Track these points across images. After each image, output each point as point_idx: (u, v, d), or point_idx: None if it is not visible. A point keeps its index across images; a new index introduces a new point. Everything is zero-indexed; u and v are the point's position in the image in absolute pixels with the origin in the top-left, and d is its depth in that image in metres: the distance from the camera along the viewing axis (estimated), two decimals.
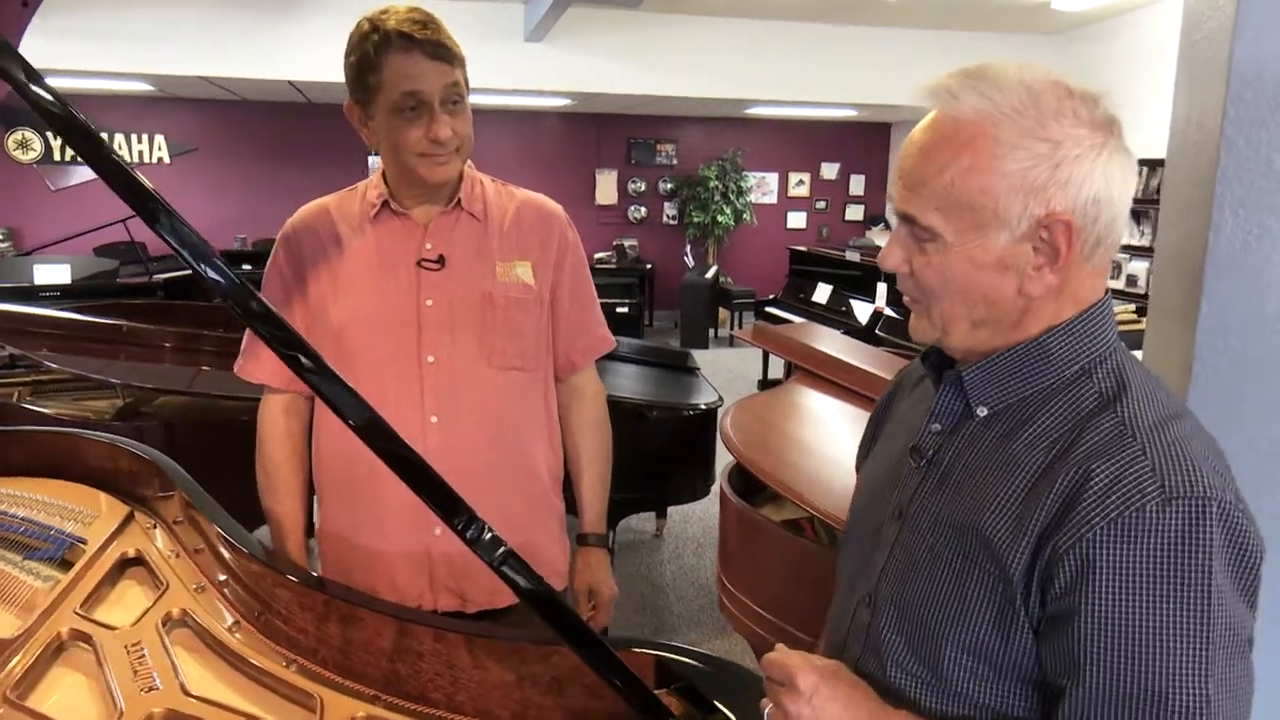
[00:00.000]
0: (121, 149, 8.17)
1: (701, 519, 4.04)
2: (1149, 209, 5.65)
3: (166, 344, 3.22)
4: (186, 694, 0.95)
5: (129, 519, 1.34)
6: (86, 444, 1.46)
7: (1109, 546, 0.69)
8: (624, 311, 7.93)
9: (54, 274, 5.88)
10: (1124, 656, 0.68)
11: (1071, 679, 0.71)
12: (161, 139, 8.10)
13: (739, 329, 8.34)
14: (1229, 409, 1.13)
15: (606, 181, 9.30)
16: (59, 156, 8.02)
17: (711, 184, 9.11)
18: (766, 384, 6.35)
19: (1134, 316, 4.72)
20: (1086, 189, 0.72)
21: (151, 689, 0.96)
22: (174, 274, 6.68)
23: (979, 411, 0.81)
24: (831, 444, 2.33)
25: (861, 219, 9.98)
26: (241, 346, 1.45)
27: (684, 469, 3.17)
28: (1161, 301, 1.26)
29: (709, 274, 8.54)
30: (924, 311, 0.81)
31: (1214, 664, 0.67)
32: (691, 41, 6.54)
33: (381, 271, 1.35)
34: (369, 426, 0.81)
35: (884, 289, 5.85)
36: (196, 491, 1.28)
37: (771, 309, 7.09)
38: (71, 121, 0.77)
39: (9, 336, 3.10)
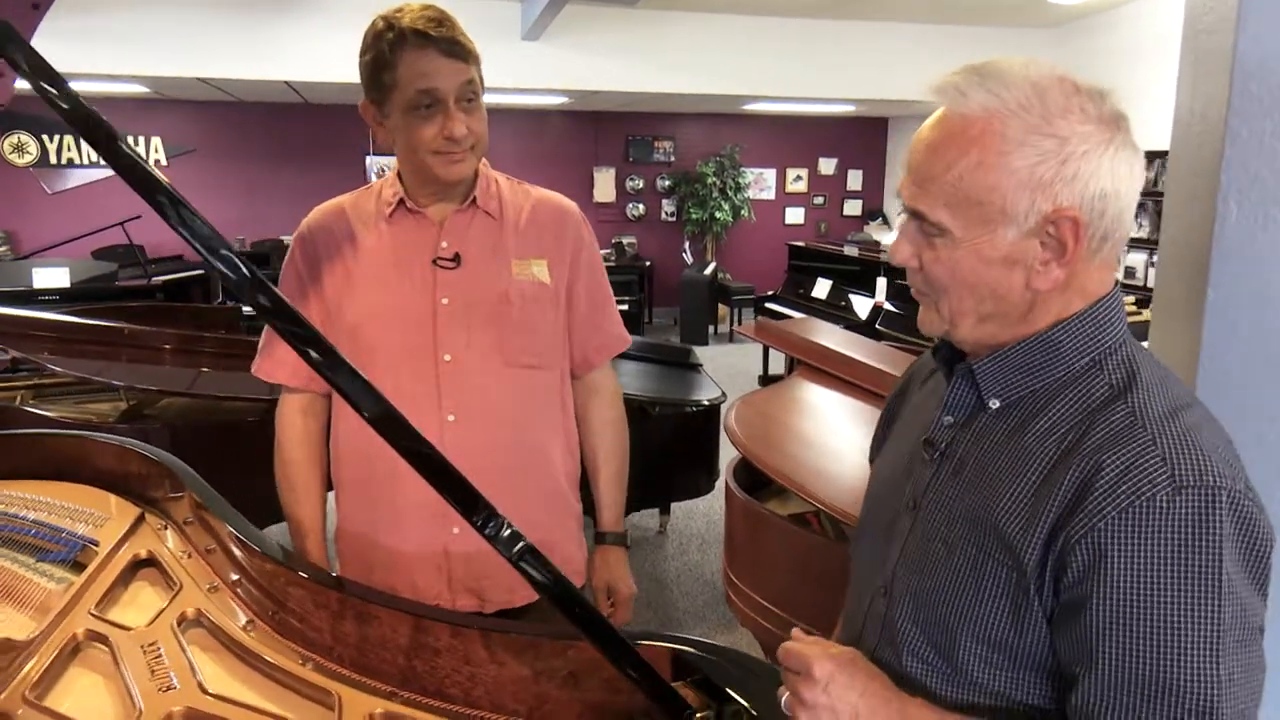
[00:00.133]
0: None
1: (705, 515, 4.05)
2: (1146, 201, 5.66)
3: (168, 346, 3.22)
4: (205, 693, 0.95)
5: (140, 520, 1.34)
6: (96, 446, 1.46)
7: (1120, 536, 0.69)
8: (623, 309, 7.78)
9: (53, 277, 5.87)
10: (1136, 644, 0.69)
11: (1084, 667, 0.72)
12: (158, 141, 8.04)
13: (738, 325, 8.36)
14: (1236, 399, 1.13)
15: (604, 179, 9.29)
16: (55, 159, 7.99)
17: (709, 180, 9.10)
18: (767, 380, 6.36)
19: (1134, 309, 4.73)
20: (1093, 184, 0.73)
21: (169, 688, 0.96)
22: (172, 276, 6.68)
23: (991, 404, 0.81)
24: (836, 438, 2.33)
25: (859, 214, 9.98)
26: (259, 346, 1.45)
27: (688, 465, 3.18)
28: (1166, 293, 1.26)
29: (708, 270, 8.54)
30: (932, 305, 0.82)
31: (1225, 651, 0.68)
32: (688, 38, 6.53)
33: (397, 270, 1.34)
34: (384, 418, 0.81)
35: (884, 284, 5.84)
36: (207, 492, 1.29)
37: (771, 305, 7.08)
38: (83, 114, 0.77)
39: (10, 340, 3.09)
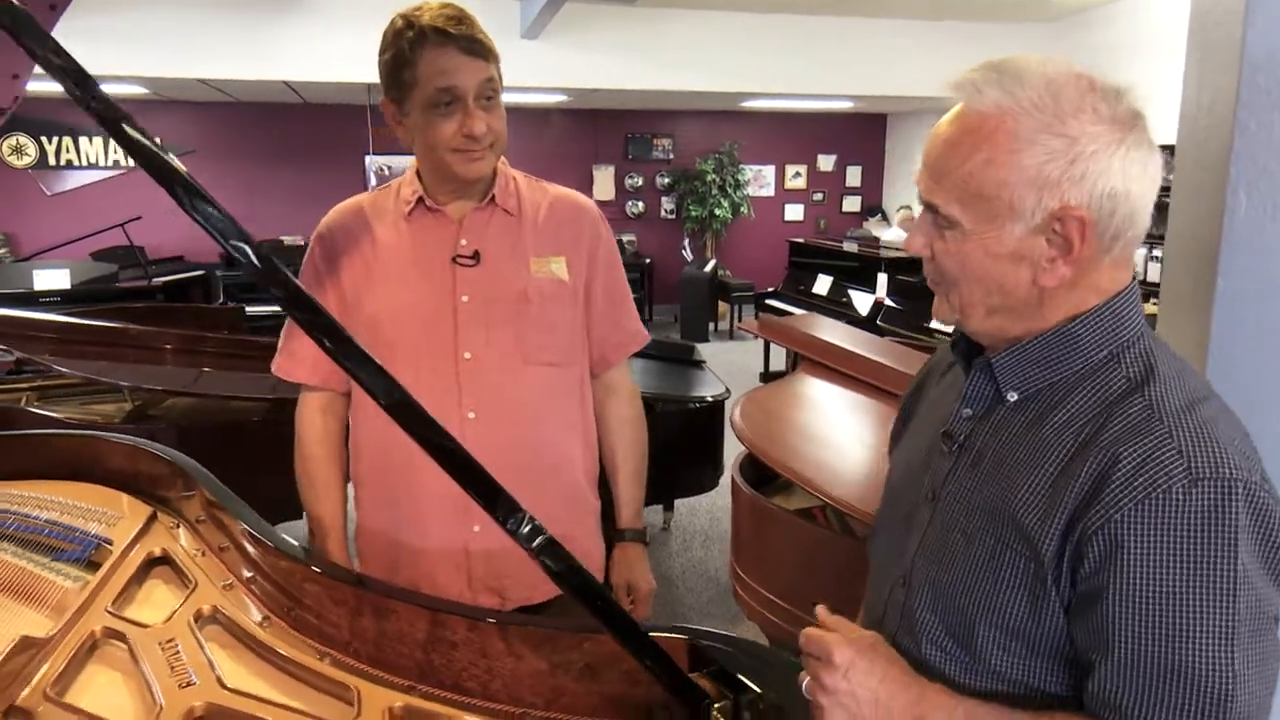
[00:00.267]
0: (117, 153, 8.14)
1: (708, 511, 4.05)
2: None
3: (171, 346, 3.22)
4: (225, 688, 0.96)
5: (152, 519, 1.34)
6: (107, 446, 1.47)
7: (1136, 527, 0.70)
8: None
9: (53, 279, 5.86)
10: (1151, 632, 0.70)
11: (1101, 655, 0.73)
12: (157, 142, 8.05)
13: (739, 322, 8.36)
14: (1244, 391, 1.13)
15: (604, 177, 9.29)
16: (54, 161, 7.99)
17: (709, 178, 9.10)
18: (768, 376, 6.36)
19: None
20: (1102, 184, 0.73)
21: (189, 684, 0.96)
22: (173, 277, 6.68)
23: (1009, 396, 0.82)
24: (841, 433, 2.34)
25: (859, 210, 9.99)
26: (279, 345, 1.46)
27: (692, 462, 3.18)
28: (1174, 286, 1.26)
29: (708, 268, 8.54)
30: (944, 295, 0.83)
31: (1239, 640, 0.69)
32: (687, 36, 6.53)
33: (417, 268, 1.35)
34: (400, 405, 0.82)
35: (884, 279, 5.83)
36: (221, 489, 1.29)
37: (772, 301, 7.08)
38: (108, 109, 0.78)
39: (13, 341, 3.10)
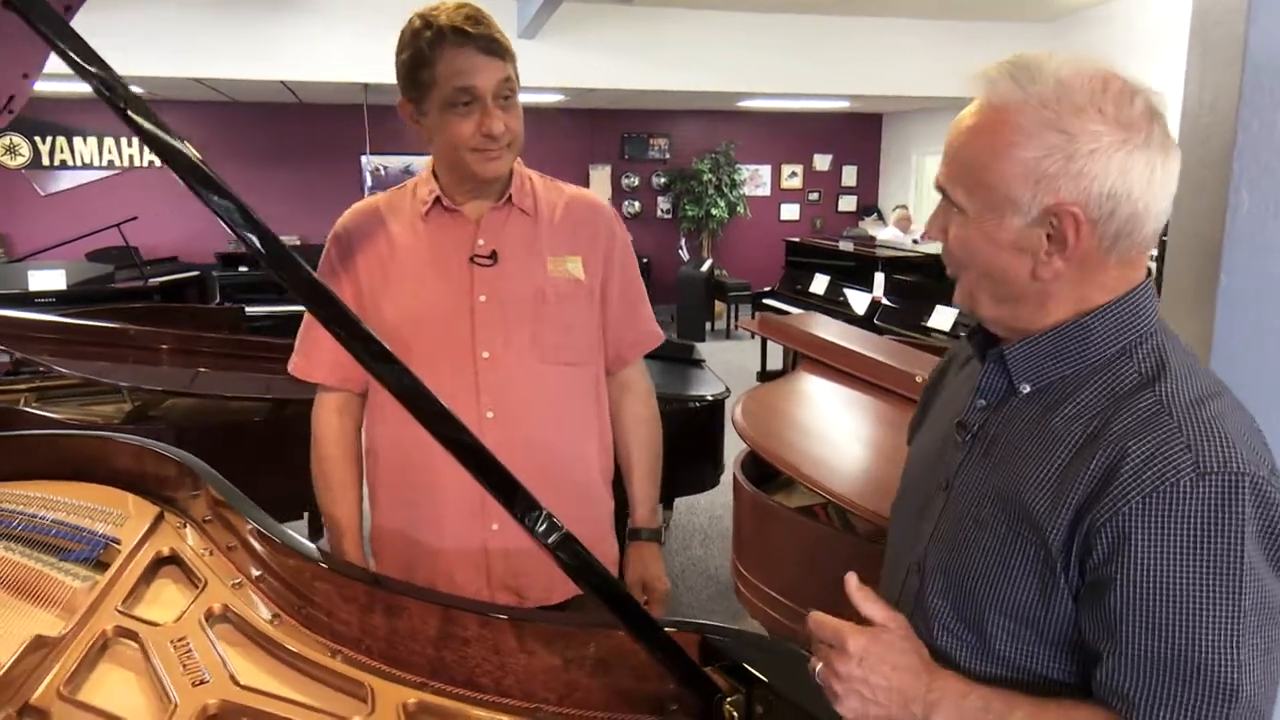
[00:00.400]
0: (111, 153, 8.13)
1: (707, 510, 4.06)
2: None
3: (172, 346, 3.22)
4: (238, 685, 0.96)
5: (159, 519, 1.34)
6: (113, 446, 1.47)
7: (1144, 520, 0.71)
8: None
9: (48, 280, 5.84)
10: (1158, 623, 0.71)
11: (1109, 645, 0.74)
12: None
13: (737, 321, 8.37)
14: (1246, 386, 1.14)
15: (600, 177, 9.29)
16: (48, 161, 7.97)
17: (705, 177, 9.12)
18: (765, 375, 6.37)
19: None
20: (1100, 184, 0.74)
21: (202, 682, 0.97)
22: (169, 278, 6.66)
23: (1022, 388, 0.84)
24: (842, 431, 2.35)
25: (854, 210, 10.01)
26: (295, 346, 1.46)
27: (692, 460, 3.18)
28: (1175, 283, 1.28)
29: (704, 267, 8.55)
30: (959, 281, 0.86)
31: (1245, 631, 0.70)
32: (684, 35, 6.54)
33: (434, 268, 1.35)
34: (409, 393, 0.83)
35: (881, 279, 5.83)
36: (229, 489, 1.29)
37: (769, 301, 7.08)
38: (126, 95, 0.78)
39: (12, 342, 3.09)
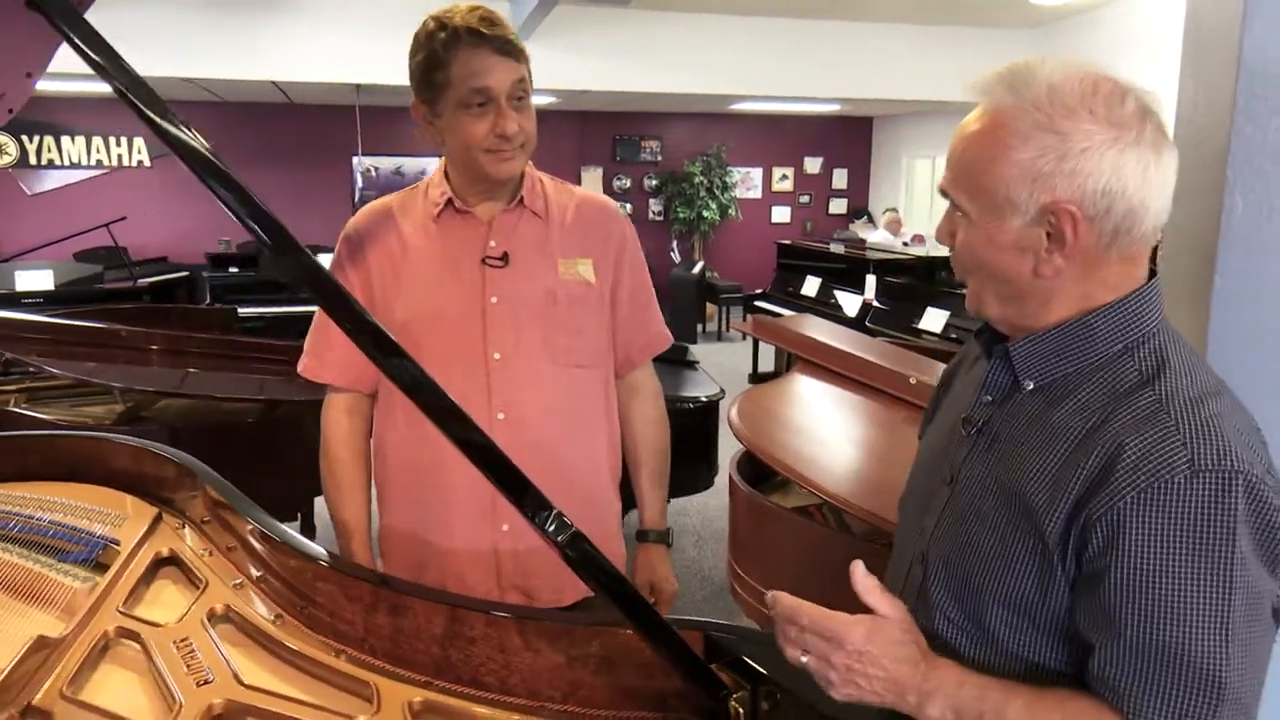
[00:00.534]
0: (100, 153, 8.06)
1: (700, 511, 4.06)
2: None
3: (164, 347, 3.20)
4: (243, 685, 0.96)
5: (158, 519, 1.34)
6: (110, 447, 1.46)
7: (1138, 515, 0.73)
8: None
9: (36, 280, 5.80)
10: (1148, 617, 0.73)
11: (1101, 637, 0.76)
12: (141, 142, 7.95)
13: (731, 323, 8.39)
14: (1241, 388, 1.16)
15: (592, 179, 9.30)
16: (35, 160, 7.89)
17: (696, 180, 9.15)
18: (757, 377, 6.40)
19: None
20: (1095, 181, 0.76)
21: (206, 682, 0.97)
22: (158, 278, 6.61)
23: (1026, 385, 0.86)
24: (837, 431, 2.36)
25: (845, 212, 10.06)
26: (305, 347, 1.46)
27: (686, 462, 3.18)
28: (1172, 285, 1.28)
29: (696, 269, 8.57)
30: (968, 284, 0.88)
31: (1233, 625, 0.72)
32: (676, 38, 6.56)
33: (446, 269, 1.36)
34: (416, 386, 0.83)
35: (873, 281, 5.86)
36: (228, 489, 1.29)
37: (760, 303, 7.11)
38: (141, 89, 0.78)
39: (1, 343, 3.06)
